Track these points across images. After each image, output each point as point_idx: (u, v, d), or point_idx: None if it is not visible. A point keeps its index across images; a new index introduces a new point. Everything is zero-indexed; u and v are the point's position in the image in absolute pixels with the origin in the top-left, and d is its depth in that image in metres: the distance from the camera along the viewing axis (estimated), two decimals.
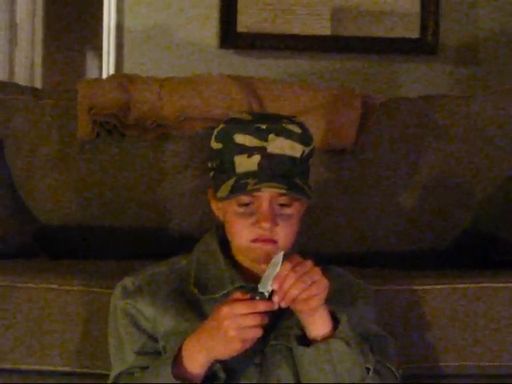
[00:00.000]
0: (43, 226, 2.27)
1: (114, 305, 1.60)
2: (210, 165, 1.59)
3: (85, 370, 1.81)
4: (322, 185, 2.28)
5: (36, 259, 2.19)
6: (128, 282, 1.60)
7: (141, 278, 1.60)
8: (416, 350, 1.82)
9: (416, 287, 1.85)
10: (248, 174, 1.50)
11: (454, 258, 2.27)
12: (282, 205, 1.52)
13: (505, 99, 2.36)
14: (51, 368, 1.81)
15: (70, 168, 2.29)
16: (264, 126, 1.52)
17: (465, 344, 1.84)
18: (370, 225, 2.28)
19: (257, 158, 1.51)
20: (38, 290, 1.83)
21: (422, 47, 3.25)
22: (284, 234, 1.52)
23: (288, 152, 1.52)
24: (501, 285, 1.86)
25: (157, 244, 2.26)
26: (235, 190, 1.49)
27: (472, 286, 1.86)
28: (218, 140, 1.55)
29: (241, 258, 1.58)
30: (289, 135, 1.52)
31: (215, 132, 1.57)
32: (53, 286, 1.83)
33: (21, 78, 3.62)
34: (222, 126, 1.56)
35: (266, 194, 1.50)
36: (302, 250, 1.63)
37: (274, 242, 1.51)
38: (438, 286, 1.85)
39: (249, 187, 1.48)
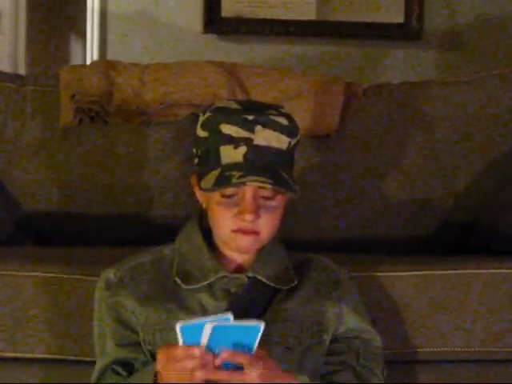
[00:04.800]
0: (26, 213, 2.27)
1: (97, 297, 1.61)
2: (194, 151, 1.58)
3: (67, 357, 1.81)
4: (306, 171, 2.28)
5: (19, 247, 2.18)
6: (110, 273, 1.60)
7: (123, 270, 1.60)
8: (393, 336, 1.83)
9: (394, 273, 1.86)
10: (233, 166, 1.49)
11: (435, 243, 2.28)
12: (265, 197, 1.52)
13: (487, 86, 2.36)
14: (34, 355, 1.81)
15: (52, 155, 2.29)
16: (251, 117, 1.50)
17: (442, 330, 1.85)
18: (353, 211, 2.28)
19: (243, 149, 1.50)
20: (20, 278, 1.82)
21: (407, 32, 3.24)
22: (266, 225, 1.52)
23: (274, 144, 1.51)
24: (478, 271, 1.87)
25: (140, 231, 2.26)
26: (220, 182, 1.49)
27: (449, 272, 1.87)
28: (204, 128, 1.54)
29: (223, 247, 1.58)
30: (276, 127, 1.51)
31: (201, 120, 1.55)
32: (35, 274, 1.83)
33: (4, 65, 3.59)
34: (208, 114, 1.54)
35: (251, 187, 1.50)
36: (284, 237, 1.64)
37: (256, 233, 1.52)
38: (416, 272, 1.86)
39: (234, 180, 1.47)
